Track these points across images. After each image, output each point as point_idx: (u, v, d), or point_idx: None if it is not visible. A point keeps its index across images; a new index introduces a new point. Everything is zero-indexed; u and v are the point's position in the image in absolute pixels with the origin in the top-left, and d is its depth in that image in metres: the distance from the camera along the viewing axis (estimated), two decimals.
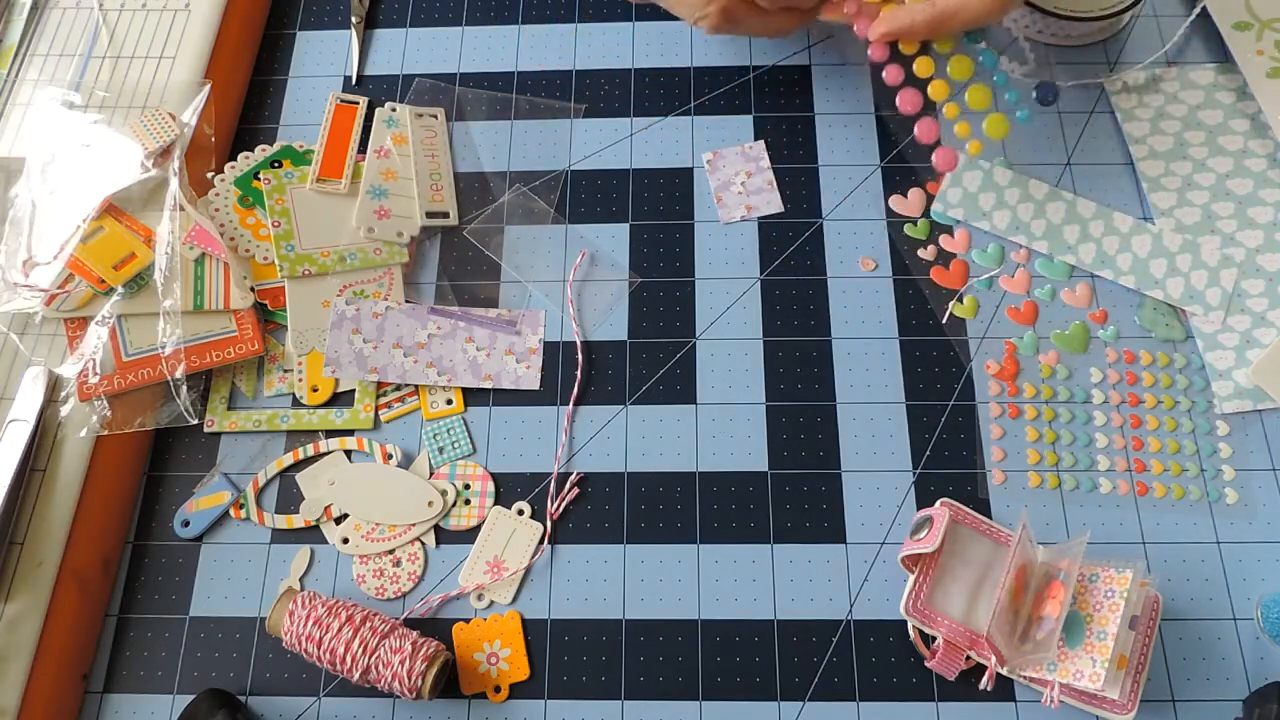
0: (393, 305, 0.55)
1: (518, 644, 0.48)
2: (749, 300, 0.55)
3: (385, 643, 0.45)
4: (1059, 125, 0.59)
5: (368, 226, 0.57)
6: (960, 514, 0.48)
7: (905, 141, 0.59)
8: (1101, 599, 0.44)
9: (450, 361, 0.54)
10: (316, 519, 0.51)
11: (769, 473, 0.51)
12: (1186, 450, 0.51)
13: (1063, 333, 0.54)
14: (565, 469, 0.52)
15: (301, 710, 0.47)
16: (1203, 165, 0.57)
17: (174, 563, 0.51)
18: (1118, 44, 0.62)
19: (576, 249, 0.57)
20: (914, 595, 0.46)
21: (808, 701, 0.47)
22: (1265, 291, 0.54)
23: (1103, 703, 0.44)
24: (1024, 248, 0.56)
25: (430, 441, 0.53)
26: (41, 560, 0.47)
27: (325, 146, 0.59)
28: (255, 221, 0.57)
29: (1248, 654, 0.47)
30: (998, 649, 0.44)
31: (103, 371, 0.51)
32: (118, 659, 0.49)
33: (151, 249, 0.54)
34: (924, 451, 0.51)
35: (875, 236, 0.57)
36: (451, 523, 0.51)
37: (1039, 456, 0.51)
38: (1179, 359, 0.53)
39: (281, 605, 0.46)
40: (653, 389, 0.53)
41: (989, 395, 0.53)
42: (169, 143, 0.57)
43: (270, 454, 0.53)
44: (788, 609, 0.48)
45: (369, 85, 0.63)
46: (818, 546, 0.50)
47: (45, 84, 0.60)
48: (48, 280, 0.53)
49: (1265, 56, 0.59)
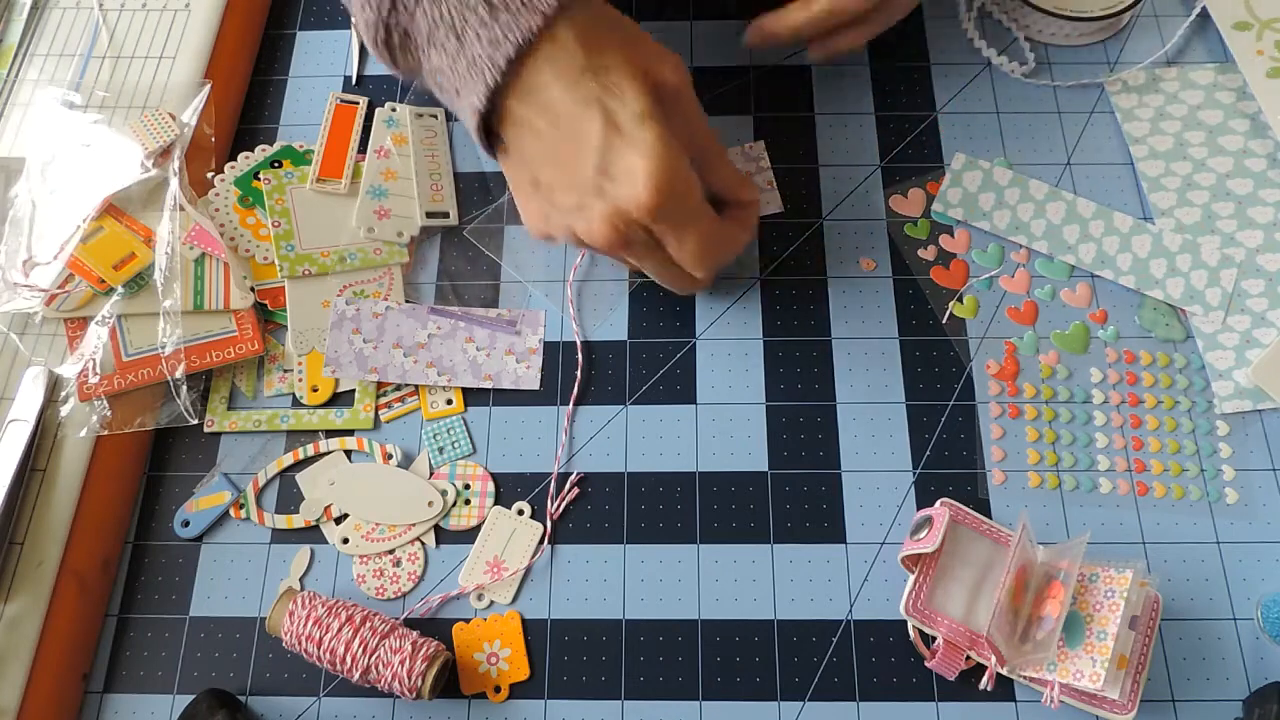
0: (393, 305, 0.55)
1: (518, 644, 0.48)
2: (749, 300, 0.55)
3: (385, 643, 0.45)
4: (1059, 125, 0.59)
5: (368, 226, 0.57)
6: (960, 514, 0.48)
7: (905, 141, 0.59)
8: (1101, 599, 0.44)
9: (450, 361, 0.54)
10: (316, 519, 0.51)
11: (769, 473, 0.51)
12: (1186, 450, 0.51)
13: (1063, 333, 0.54)
14: (565, 469, 0.52)
15: (301, 710, 0.47)
16: (1203, 165, 0.57)
17: (174, 563, 0.51)
18: (1118, 44, 0.62)
19: (576, 249, 0.57)
20: (914, 595, 0.46)
21: (808, 701, 0.47)
22: (1265, 291, 0.54)
23: (1103, 703, 0.44)
24: (1024, 248, 0.56)
25: (430, 441, 0.53)
26: (41, 560, 0.47)
27: (325, 146, 0.59)
28: (255, 221, 0.57)
29: (1248, 654, 0.47)
30: (998, 649, 0.44)
31: (103, 371, 0.51)
32: (118, 659, 0.49)
33: (151, 249, 0.54)
34: (924, 451, 0.51)
35: (875, 236, 0.57)
36: (451, 523, 0.51)
37: (1039, 456, 0.51)
38: (1179, 359, 0.53)
39: (281, 605, 0.46)
40: (653, 389, 0.53)
41: (989, 395, 0.53)
42: (169, 143, 0.57)
43: (270, 454, 0.53)
44: (788, 609, 0.48)
45: (369, 85, 0.63)
46: (818, 546, 0.50)
47: (45, 84, 0.60)
48: (48, 280, 0.53)
49: (1265, 56, 0.59)
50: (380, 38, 0.44)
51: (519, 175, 0.47)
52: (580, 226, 0.45)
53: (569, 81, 0.42)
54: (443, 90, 0.46)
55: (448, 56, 0.43)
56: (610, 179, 0.42)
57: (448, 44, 0.42)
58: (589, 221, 0.44)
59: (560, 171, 0.44)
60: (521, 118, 0.44)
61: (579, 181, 0.43)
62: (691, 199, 0.44)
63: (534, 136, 0.44)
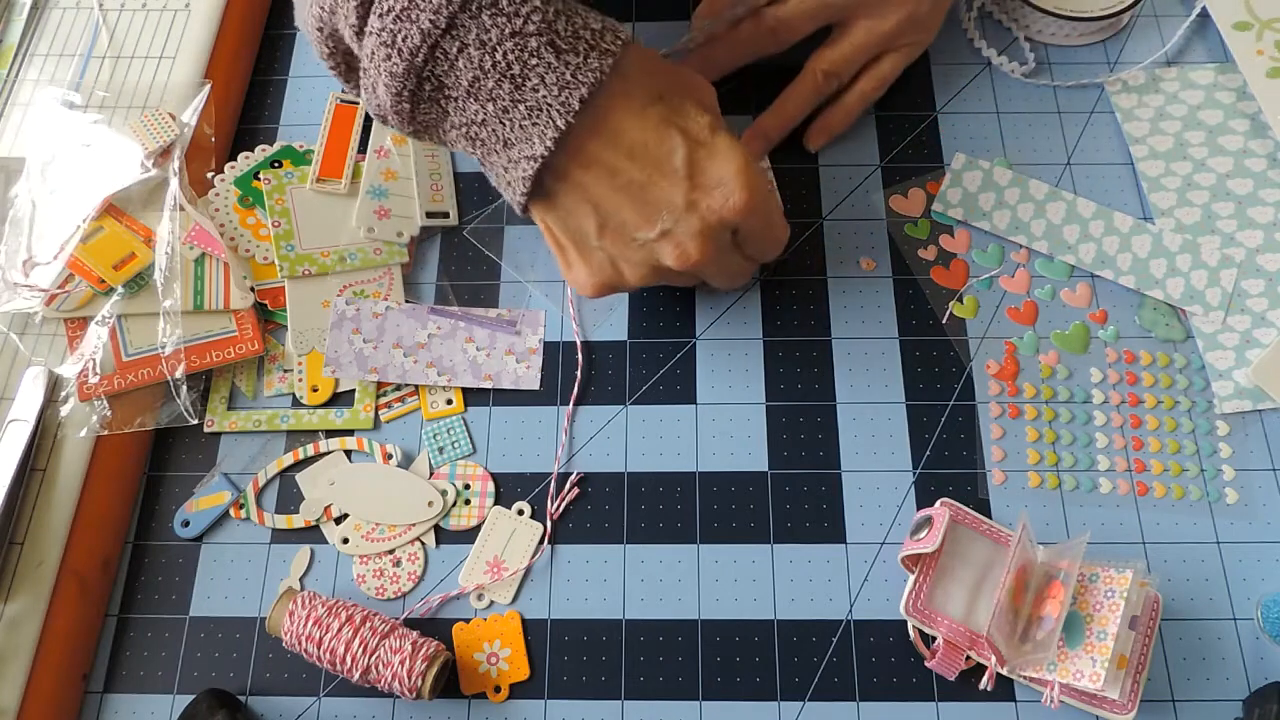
0: (393, 305, 0.55)
1: (518, 644, 0.48)
2: (749, 300, 0.55)
3: (385, 643, 0.45)
4: (1059, 125, 0.59)
5: (368, 226, 0.57)
6: (960, 514, 0.48)
7: (905, 141, 0.59)
8: (1101, 599, 0.44)
9: (450, 361, 0.54)
10: (316, 519, 0.51)
11: (769, 473, 0.51)
12: (1186, 450, 0.51)
13: (1063, 333, 0.54)
14: (565, 469, 0.52)
15: (301, 710, 0.47)
16: (1203, 165, 0.57)
17: (174, 563, 0.51)
18: (1118, 44, 0.62)
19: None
20: (914, 595, 0.46)
21: (808, 701, 0.47)
22: (1265, 291, 0.54)
23: (1103, 703, 0.44)
24: (1024, 248, 0.56)
25: (430, 441, 0.53)
26: (41, 560, 0.47)
27: (325, 146, 0.59)
28: (255, 221, 0.57)
29: (1248, 654, 0.47)
30: (998, 649, 0.44)
31: (103, 371, 0.51)
32: (118, 659, 0.49)
33: (151, 249, 0.54)
34: (924, 451, 0.51)
35: (875, 236, 0.57)
36: (451, 523, 0.51)
37: (1039, 456, 0.51)
38: (1179, 359, 0.53)
39: (281, 605, 0.46)
40: (653, 389, 0.53)
41: (989, 395, 0.53)
42: (169, 143, 0.57)
43: (270, 454, 0.53)
44: (788, 609, 0.48)
45: None
46: (818, 546, 0.50)
47: (45, 84, 0.60)
48: (48, 280, 0.53)
49: (1265, 56, 0.59)
50: (408, 89, 0.40)
51: (574, 227, 0.45)
52: (668, 253, 0.44)
53: (639, 112, 0.42)
54: (478, 142, 0.42)
55: (496, 105, 0.40)
56: (703, 191, 0.43)
57: (498, 92, 0.39)
58: (679, 244, 0.43)
59: (640, 204, 0.43)
60: (593, 159, 0.42)
61: (666, 206, 0.43)
62: (765, 189, 0.45)
63: (608, 175, 0.42)
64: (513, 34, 0.38)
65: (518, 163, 0.42)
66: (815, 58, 0.56)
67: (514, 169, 0.42)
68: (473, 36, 0.38)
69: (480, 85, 0.40)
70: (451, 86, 0.40)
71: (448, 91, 0.40)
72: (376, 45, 0.39)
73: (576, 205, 0.44)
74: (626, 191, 0.43)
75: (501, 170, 0.43)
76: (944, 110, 0.60)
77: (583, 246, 0.46)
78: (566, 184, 0.43)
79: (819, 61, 0.56)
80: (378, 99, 0.42)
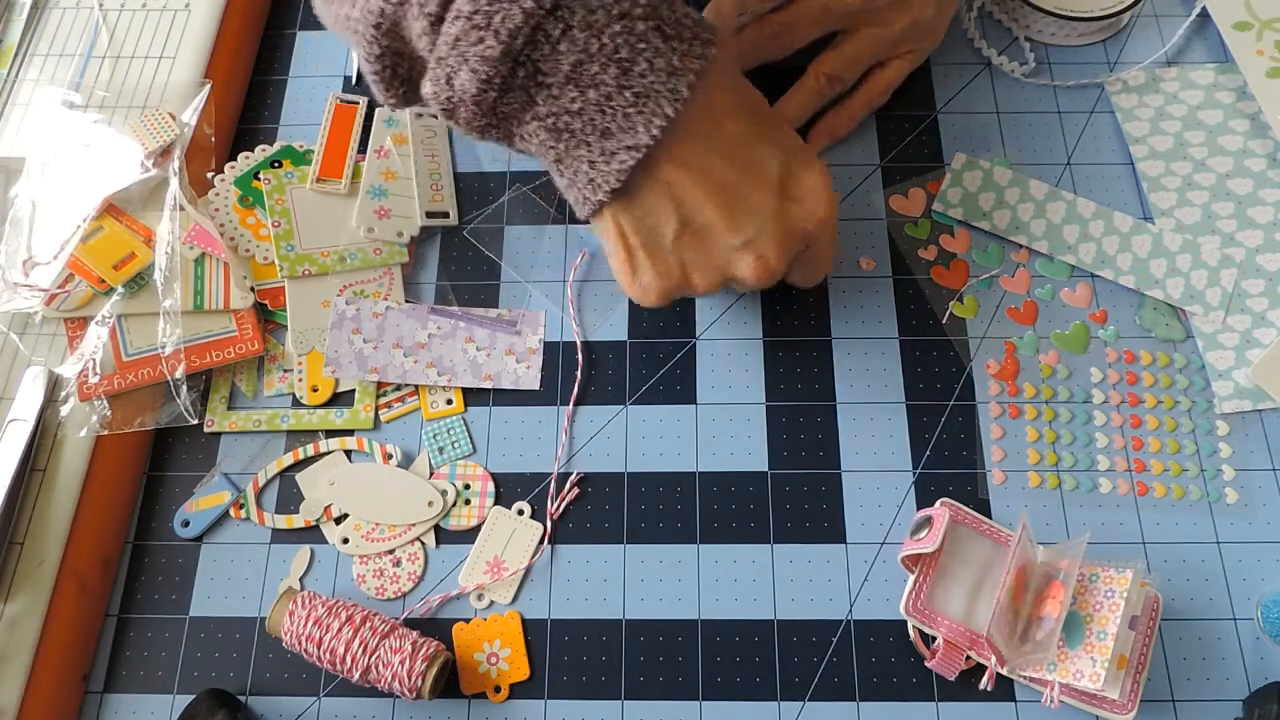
0: (393, 305, 0.55)
1: (518, 644, 0.48)
2: (749, 300, 0.55)
3: (385, 643, 0.45)
4: (1059, 125, 0.59)
5: (368, 226, 0.57)
6: (960, 514, 0.48)
7: (905, 141, 0.59)
8: (1101, 599, 0.44)
9: (450, 361, 0.54)
10: (316, 519, 0.51)
11: (769, 473, 0.51)
12: (1186, 450, 0.51)
13: (1063, 333, 0.54)
14: (565, 469, 0.52)
15: (301, 710, 0.47)
16: (1203, 165, 0.57)
17: (174, 563, 0.51)
18: (1118, 44, 0.62)
19: (576, 249, 0.57)
20: (914, 595, 0.46)
21: (808, 701, 0.47)
22: (1265, 291, 0.54)
23: (1103, 703, 0.44)
24: (1024, 248, 0.56)
25: (430, 441, 0.53)
26: (41, 560, 0.47)
27: (325, 146, 0.59)
28: (255, 221, 0.57)
29: (1248, 654, 0.47)
30: (998, 649, 0.44)
31: (103, 371, 0.51)
32: (118, 659, 0.49)
33: (151, 249, 0.54)
34: (924, 451, 0.51)
35: (875, 236, 0.57)
36: (451, 523, 0.51)
37: (1039, 456, 0.51)
38: (1179, 359, 0.53)
39: (281, 605, 0.46)
40: (653, 389, 0.53)
41: (989, 395, 0.53)
42: (169, 143, 0.57)
43: (270, 454, 0.53)
44: (788, 609, 0.48)
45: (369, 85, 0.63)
46: (818, 546, 0.50)
47: (45, 84, 0.60)
48: (48, 280, 0.53)
49: (1265, 56, 0.59)
50: (500, 74, 0.37)
51: (651, 226, 0.42)
52: (746, 262, 0.42)
53: (735, 110, 0.40)
54: (566, 135, 0.39)
55: (599, 92, 0.37)
56: (794, 200, 0.42)
57: (603, 77, 0.37)
58: (760, 252, 0.41)
59: (728, 208, 0.40)
60: (688, 154, 0.39)
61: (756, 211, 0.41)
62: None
63: (700, 173, 0.40)
64: (620, 15, 0.36)
65: (615, 154, 0.39)
66: (818, 61, 0.56)
67: (607, 162, 0.39)
68: (578, 18, 0.36)
69: (584, 70, 0.37)
70: (549, 72, 0.37)
71: (543, 78, 0.37)
72: (466, 29, 0.36)
73: (658, 203, 0.41)
74: (716, 192, 0.40)
75: (586, 166, 0.40)
76: (944, 110, 0.60)
77: (654, 249, 0.43)
78: (653, 180, 0.40)
79: (822, 65, 0.56)
80: (453, 90, 0.38)
